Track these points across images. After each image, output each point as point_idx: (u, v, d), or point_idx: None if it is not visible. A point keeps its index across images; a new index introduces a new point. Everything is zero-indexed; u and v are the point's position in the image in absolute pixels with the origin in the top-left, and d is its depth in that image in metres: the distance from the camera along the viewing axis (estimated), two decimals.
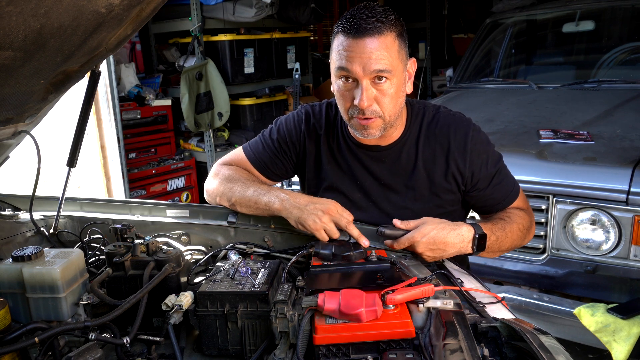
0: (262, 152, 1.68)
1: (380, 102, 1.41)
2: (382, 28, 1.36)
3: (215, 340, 1.11)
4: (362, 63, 1.36)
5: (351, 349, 0.96)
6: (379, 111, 1.42)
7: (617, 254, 2.29)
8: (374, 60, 1.36)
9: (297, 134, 1.66)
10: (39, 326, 1.00)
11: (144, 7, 1.14)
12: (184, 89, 4.40)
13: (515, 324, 0.99)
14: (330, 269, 1.21)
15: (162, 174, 4.59)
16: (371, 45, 1.35)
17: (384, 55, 1.37)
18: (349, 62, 1.37)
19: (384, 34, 1.36)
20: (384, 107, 1.42)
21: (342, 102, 1.46)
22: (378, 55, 1.36)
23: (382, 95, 1.40)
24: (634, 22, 3.64)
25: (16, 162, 1.68)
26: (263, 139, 1.70)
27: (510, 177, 1.64)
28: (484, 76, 4.09)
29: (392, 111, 1.44)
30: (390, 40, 1.38)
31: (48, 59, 1.05)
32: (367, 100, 1.38)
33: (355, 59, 1.36)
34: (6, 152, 1.51)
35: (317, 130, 1.65)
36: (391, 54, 1.38)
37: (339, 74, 1.42)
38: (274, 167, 1.68)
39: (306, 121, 1.66)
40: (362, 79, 1.38)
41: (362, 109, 1.40)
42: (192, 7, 4.43)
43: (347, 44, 1.38)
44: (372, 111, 1.41)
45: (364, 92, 1.38)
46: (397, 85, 1.42)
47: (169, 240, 1.49)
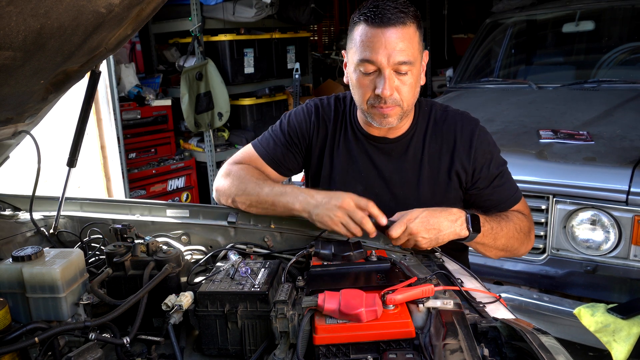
0: (273, 148, 1.67)
1: (400, 91, 1.44)
2: (405, 19, 1.38)
3: (215, 340, 1.11)
4: (386, 54, 1.38)
5: (351, 349, 0.96)
6: (399, 100, 1.44)
7: (617, 254, 2.29)
8: (398, 52, 1.38)
9: (307, 125, 1.66)
10: (39, 326, 1.00)
11: (144, 7, 1.14)
12: (184, 89, 4.40)
13: (515, 324, 0.99)
14: (330, 269, 1.21)
15: (162, 174, 4.59)
16: (396, 35, 1.37)
17: (408, 46, 1.39)
18: (373, 53, 1.39)
19: (407, 24, 1.39)
20: (404, 96, 1.45)
21: (361, 91, 1.47)
22: (402, 47, 1.38)
23: (403, 84, 1.43)
24: (634, 22, 3.64)
25: (16, 162, 1.68)
26: (273, 134, 1.69)
27: (513, 183, 1.63)
28: (484, 76, 4.09)
29: (410, 100, 1.47)
30: (412, 31, 1.41)
31: (48, 59, 1.05)
32: (389, 89, 1.40)
33: (380, 49, 1.38)
34: (6, 152, 1.51)
35: (326, 122, 1.66)
36: (413, 45, 1.41)
37: (362, 64, 1.42)
38: (286, 162, 1.68)
39: (316, 113, 1.67)
40: (385, 69, 1.40)
41: (384, 97, 1.42)
42: (192, 7, 4.42)
43: (371, 33, 1.39)
44: (393, 100, 1.43)
45: (387, 82, 1.40)
46: (416, 76, 1.46)
47: (169, 240, 1.49)
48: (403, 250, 1.44)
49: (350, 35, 1.47)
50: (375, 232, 1.35)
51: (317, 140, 1.66)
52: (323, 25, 8.13)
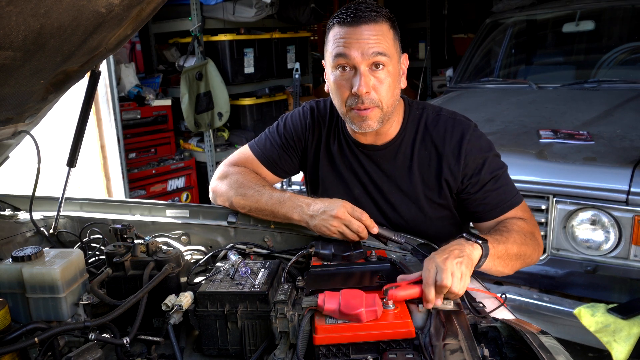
0: (269, 149, 1.67)
1: (377, 90, 1.42)
2: (377, 17, 1.41)
3: (215, 340, 1.11)
4: (360, 47, 1.39)
5: (351, 349, 0.96)
6: (377, 100, 1.42)
7: (617, 254, 2.29)
8: (372, 44, 1.39)
9: (302, 128, 1.66)
10: (39, 326, 1.00)
11: (144, 7, 1.14)
12: (184, 89, 4.40)
13: (515, 324, 0.99)
14: (330, 269, 1.21)
15: (162, 174, 4.59)
16: (368, 30, 1.39)
17: (381, 39, 1.40)
18: (346, 48, 1.40)
19: (379, 22, 1.41)
20: (382, 96, 1.43)
21: (339, 93, 1.46)
22: (375, 40, 1.39)
23: (380, 83, 1.42)
24: (634, 22, 3.64)
25: (16, 162, 1.68)
26: (270, 135, 1.69)
27: (510, 188, 1.55)
28: (484, 76, 4.09)
29: (389, 101, 1.45)
30: (385, 28, 1.42)
31: (48, 59, 1.05)
32: (365, 86, 1.39)
33: (353, 44, 1.39)
34: (6, 152, 1.51)
35: (322, 125, 1.66)
36: (387, 40, 1.42)
37: (337, 63, 1.43)
38: (282, 164, 1.68)
39: (312, 115, 1.67)
40: (360, 65, 1.40)
41: (361, 95, 1.40)
42: (192, 7, 4.42)
43: (344, 31, 1.41)
44: (370, 99, 1.42)
45: (363, 78, 1.39)
46: (393, 75, 1.45)
47: (169, 240, 1.49)
48: (403, 250, 1.44)
49: (326, 40, 1.48)
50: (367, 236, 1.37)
51: (313, 142, 1.66)
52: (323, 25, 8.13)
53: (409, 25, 7.23)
